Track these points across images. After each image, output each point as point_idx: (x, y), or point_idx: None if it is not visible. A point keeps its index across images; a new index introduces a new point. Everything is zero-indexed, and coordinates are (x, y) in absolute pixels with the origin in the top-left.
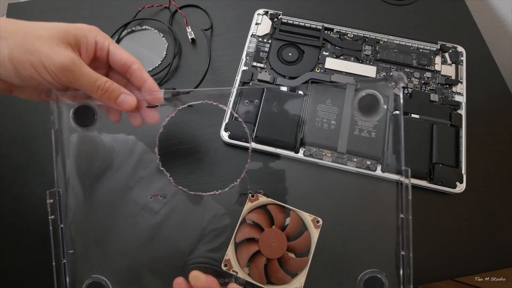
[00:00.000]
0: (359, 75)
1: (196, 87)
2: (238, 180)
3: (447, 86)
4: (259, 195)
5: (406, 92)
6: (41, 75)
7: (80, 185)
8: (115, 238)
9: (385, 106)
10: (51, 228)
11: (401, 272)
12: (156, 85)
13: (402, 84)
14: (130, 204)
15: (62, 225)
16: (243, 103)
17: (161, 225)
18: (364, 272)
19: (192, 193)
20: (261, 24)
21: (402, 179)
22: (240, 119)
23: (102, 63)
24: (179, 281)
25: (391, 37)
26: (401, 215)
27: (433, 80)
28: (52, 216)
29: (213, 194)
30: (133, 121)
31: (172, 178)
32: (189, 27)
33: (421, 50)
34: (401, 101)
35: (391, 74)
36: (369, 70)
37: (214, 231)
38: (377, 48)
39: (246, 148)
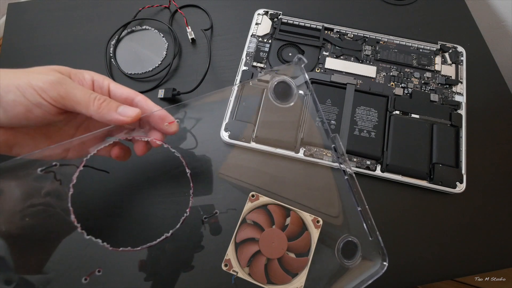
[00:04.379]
0: (359, 75)
1: (196, 87)
2: (187, 210)
3: (447, 86)
4: (259, 195)
5: (406, 92)
6: (27, 96)
7: None
8: None
9: (297, 90)
10: None
11: (364, 225)
12: (166, 113)
13: (303, 64)
14: None
15: None
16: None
17: None
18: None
19: (139, 248)
20: (261, 24)
21: (334, 145)
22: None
23: None
24: None
25: (391, 37)
26: (346, 177)
27: (433, 80)
28: None
29: (164, 237)
30: (137, 148)
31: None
32: (189, 27)
33: (421, 50)
34: (306, 76)
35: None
36: (369, 70)
37: None
38: (377, 48)
39: (247, 149)
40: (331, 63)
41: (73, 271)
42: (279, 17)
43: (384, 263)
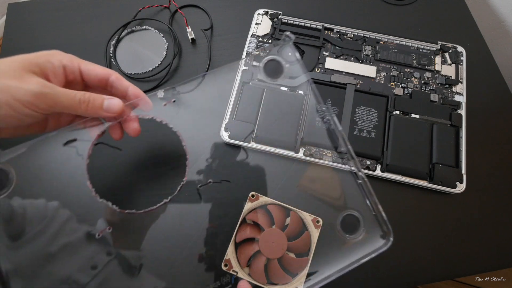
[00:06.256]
0: (359, 75)
1: (196, 87)
2: (184, 179)
3: (447, 86)
4: (259, 195)
5: (406, 92)
6: (17, 110)
7: None
8: None
9: (287, 65)
10: None
11: (367, 201)
12: (139, 90)
13: (291, 41)
14: (50, 277)
15: None
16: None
17: None
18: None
19: (142, 211)
20: (261, 24)
21: (346, 148)
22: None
23: (77, 85)
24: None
25: (391, 37)
26: (359, 181)
27: (433, 80)
28: None
29: (164, 203)
30: (113, 134)
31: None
32: (189, 27)
33: (421, 50)
34: (297, 54)
35: (283, 37)
36: (369, 70)
37: None
38: (377, 48)
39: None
40: (331, 63)
41: (70, 259)
42: (279, 17)
43: (390, 238)
